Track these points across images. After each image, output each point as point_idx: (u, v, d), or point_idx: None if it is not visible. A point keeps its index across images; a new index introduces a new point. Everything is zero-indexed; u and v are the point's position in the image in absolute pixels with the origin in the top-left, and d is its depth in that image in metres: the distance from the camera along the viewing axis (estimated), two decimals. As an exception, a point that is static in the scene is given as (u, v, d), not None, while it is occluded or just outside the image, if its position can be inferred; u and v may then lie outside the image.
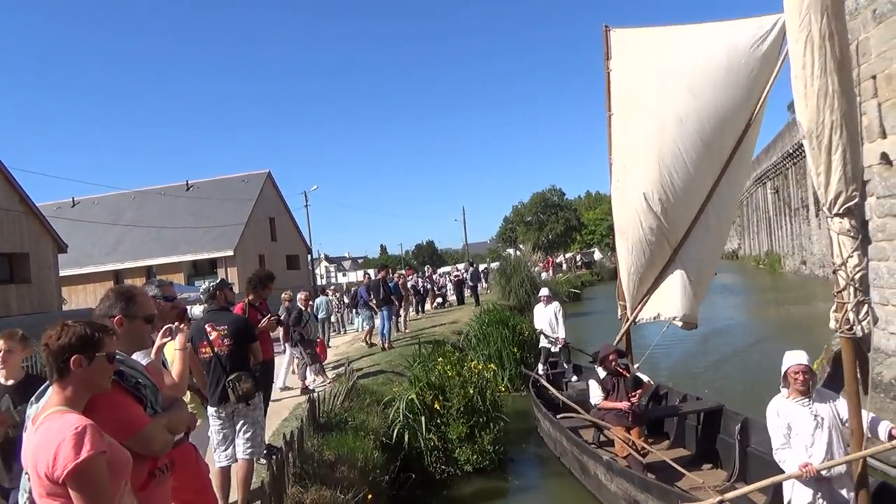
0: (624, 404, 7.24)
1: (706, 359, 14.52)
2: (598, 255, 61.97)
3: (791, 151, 36.60)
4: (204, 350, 5.34)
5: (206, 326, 5.49)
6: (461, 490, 8.10)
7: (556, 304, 12.47)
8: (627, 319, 8.48)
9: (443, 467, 8.36)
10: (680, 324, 8.13)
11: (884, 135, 8.59)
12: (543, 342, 12.23)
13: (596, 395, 7.53)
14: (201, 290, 5.96)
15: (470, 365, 9.60)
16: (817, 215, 32.94)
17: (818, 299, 23.98)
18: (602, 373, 7.74)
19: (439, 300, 27.60)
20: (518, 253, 29.91)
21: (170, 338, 3.53)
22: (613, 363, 7.51)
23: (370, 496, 6.02)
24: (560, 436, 8.45)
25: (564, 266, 51.01)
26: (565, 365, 12.10)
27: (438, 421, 8.58)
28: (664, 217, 7.53)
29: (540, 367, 12.03)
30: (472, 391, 8.78)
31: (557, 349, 12.06)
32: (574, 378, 11.79)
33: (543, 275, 32.94)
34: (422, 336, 15.87)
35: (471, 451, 8.33)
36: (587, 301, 34.54)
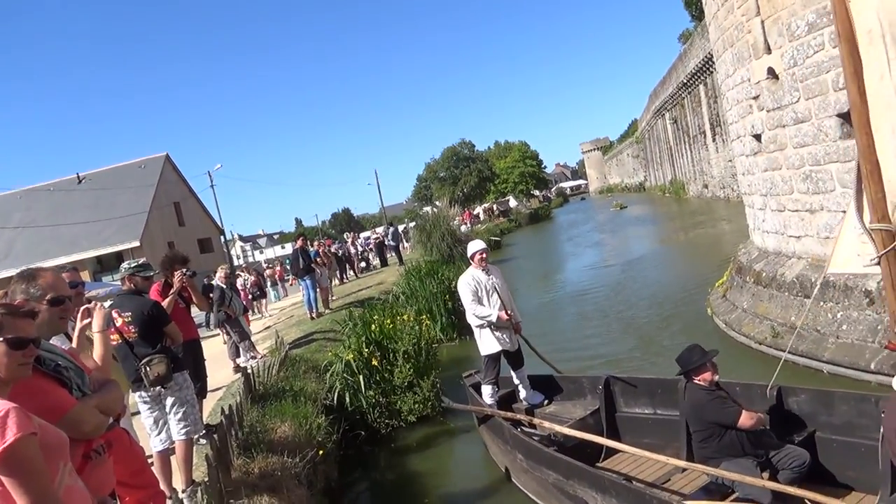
0: None
1: (626, 300, 15.02)
2: (513, 203, 63.13)
3: (685, 81, 38.05)
4: (112, 337, 5.07)
5: (113, 313, 5.20)
6: (407, 440, 8.22)
7: (498, 269, 7.19)
8: None
9: (387, 421, 8.44)
10: None
11: (769, 50, 9.01)
12: (490, 343, 6.75)
13: None
14: (122, 267, 5.58)
15: (403, 317, 9.65)
16: (714, 140, 34.62)
17: (721, 219, 25.48)
18: None
19: (363, 265, 27.42)
20: (435, 209, 29.95)
21: (89, 319, 3.36)
22: None
23: (321, 452, 6.01)
24: None
25: (482, 216, 51.65)
26: (514, 376, 7.00)
27: (378, 377, 8.62)
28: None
29: (488, 392, 6.85)
30: (409, 341, 8.89)
31: (514, 346, 6.88)
32: (542, 399, 6.88)
33: (463, 227, 33.28)
34: (350, 301, 15.75)
35: (413, 401, 8.44)
36: (507, 248, 35.26)
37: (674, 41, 47.06)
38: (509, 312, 6.71)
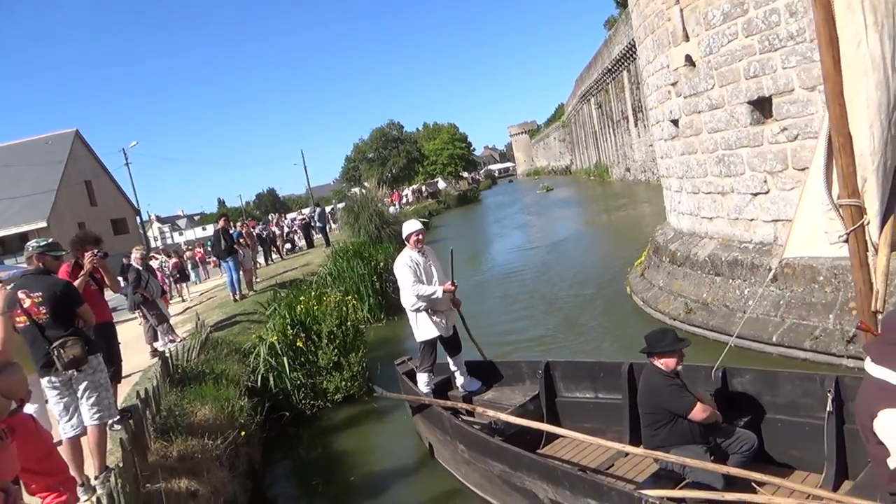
0: None
1: (551, 281, 15.32)
2: (442, 185, 63.25)
3: (610, 67, 38.99)
4: (19, 319, 4.77)
5: (20, 293, 4.88)
6: (332, 420, 8.20)
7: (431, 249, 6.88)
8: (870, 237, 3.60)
9: (312, 402, 8.39)
10: None
11: (686, 38, 9.34)
12: (427, 329, 6.46)
13: None
14: (30, 245, 5.23)
15: (329, 299, 9.56)
16: (636, 125, 35.72)
17: (643, 201, 26.40)
18: (893, 379, 2.65)
19: (288, 246, 26.90)
20: (363, 190, 29.61)
21: None
22: None
23: (243, 434, 5.90)
24: None
25: (411, 197, 51.59)
26: (451, 363, 6.73)
27: (303, 359, 8.52)
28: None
29: (424, 380, 6.56)
30: (334, 321, 8.82)
31: (450, 332, 6.59)
32: (479, 386, 6.69)
33: (391, 208, 33.13)
34: (275, 282, 15.44)
35: (339, 379, 8.40)
36: (436, 229, 35.34)
37: (600, 27, 48.20)
38: (422, 302, 6.37)
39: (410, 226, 6.67)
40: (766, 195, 8.22)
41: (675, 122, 10.32)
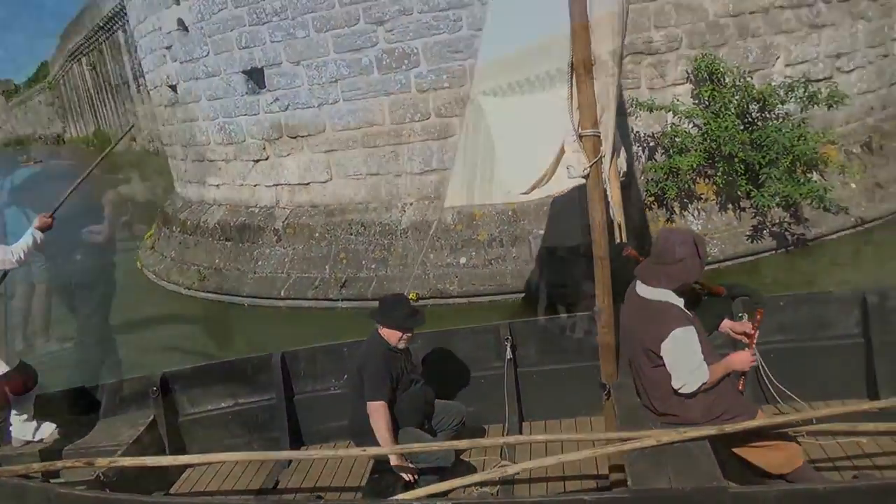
0: (744, 359, 3.02)
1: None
2: None
3: (102, 24, 35.27)
4: None
5: None
6: None
7: None
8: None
9: None
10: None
11: (178, 1, 9.08)
12: None
13: (694, 360, 2.86)
14: None
15: None
16: (139, 91, 33.40)
17: (152, 171, 25.04)
18: (671, 299, 2.95)
19: None
20: None
21: None
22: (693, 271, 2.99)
23: None
24: None
25: None
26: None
27: None
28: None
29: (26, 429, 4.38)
30: None
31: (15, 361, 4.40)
32: (53, 429, 4.50)
33: None
34: None
35: None
36: None
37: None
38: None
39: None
40: (266, 161, 8.75)
41: (173, 88, 10.03)
